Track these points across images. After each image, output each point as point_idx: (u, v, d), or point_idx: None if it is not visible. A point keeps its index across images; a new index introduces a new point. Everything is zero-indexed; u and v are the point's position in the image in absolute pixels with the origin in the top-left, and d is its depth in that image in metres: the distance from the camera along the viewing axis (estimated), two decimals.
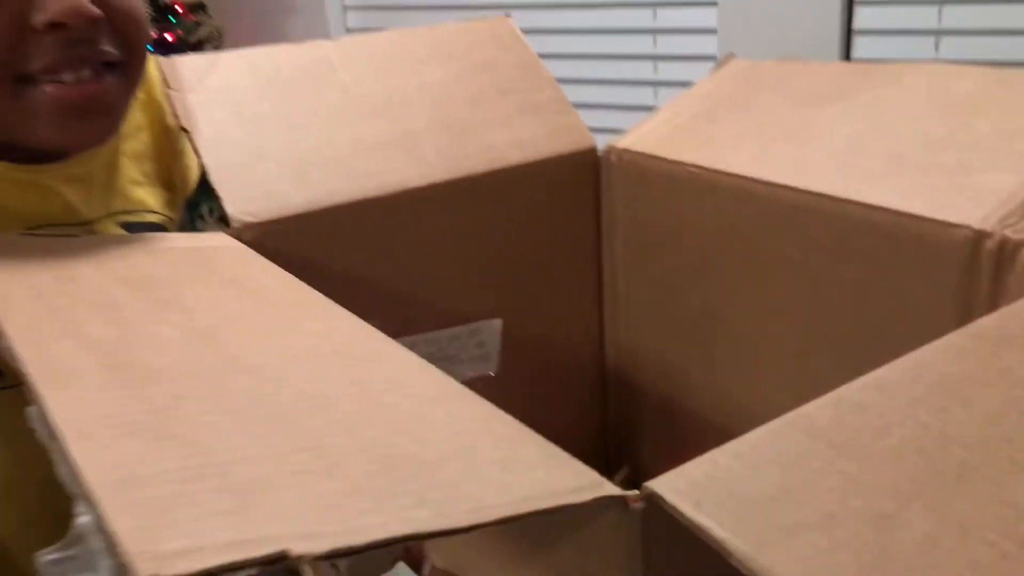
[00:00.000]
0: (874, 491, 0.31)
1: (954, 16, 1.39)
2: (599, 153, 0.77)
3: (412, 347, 0.71)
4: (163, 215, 0.70)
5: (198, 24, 1.82)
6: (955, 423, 0.34)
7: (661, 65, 1.68)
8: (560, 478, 0.31)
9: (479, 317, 0.75)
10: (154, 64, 0.69)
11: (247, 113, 0.67)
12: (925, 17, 1.41)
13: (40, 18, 0.53)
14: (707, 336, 0.72)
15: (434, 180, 0.69)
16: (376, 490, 0.29)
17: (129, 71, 0.60)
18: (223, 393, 0.34)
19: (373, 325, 0.70)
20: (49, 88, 0.55)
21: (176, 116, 0.64)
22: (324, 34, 2.02)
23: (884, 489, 0.31)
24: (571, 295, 0.80)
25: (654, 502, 0.31)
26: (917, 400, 0.35)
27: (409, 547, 0.46)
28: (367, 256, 0.68)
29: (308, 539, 0.25)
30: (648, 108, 1.44)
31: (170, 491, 0.27)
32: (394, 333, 0.71)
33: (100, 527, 0.25)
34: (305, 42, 0.73)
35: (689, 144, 0.71)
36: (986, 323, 0.41)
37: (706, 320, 0.72)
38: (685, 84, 0.80)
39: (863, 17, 1.44)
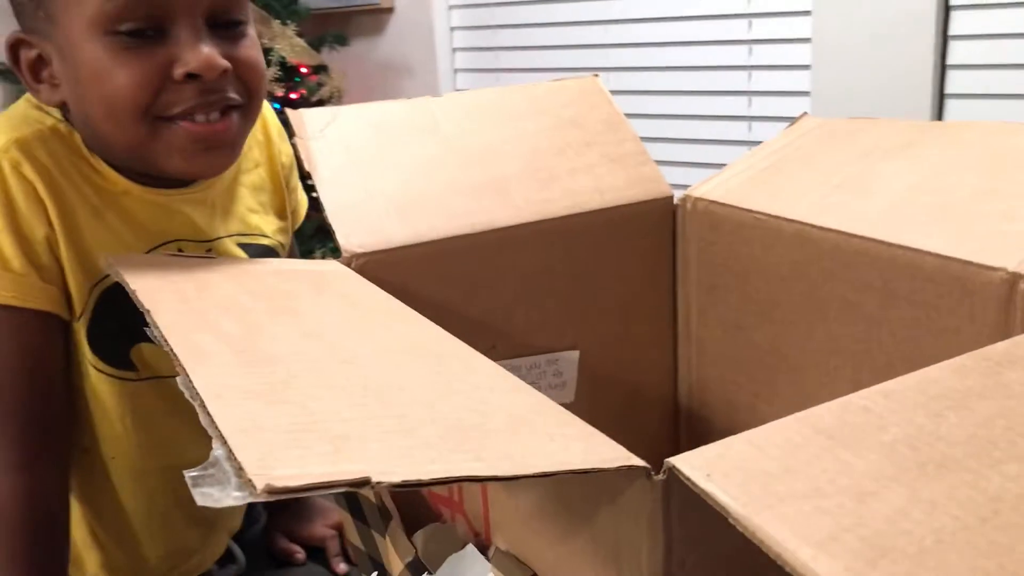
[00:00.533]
0: (861, 474, 0.36)
1: None
2: (675, 201, 0.83)
3: None
4: (275, 240, 0.80)
5: (320, 84, 1.97)
6: (947, 426, 0.39)
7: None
8: (596, 452, 0.37)
9: (559, 350, 0.82)
10: (270, 111, 0.80)
11: (360, 159, 0.76)
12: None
13: (180, 70, 0.64)
14: (771, 373, 0.77)
15: (520, 221, 0.76)
16: (443, 447, 0.36)
17: (249, 112, 0.70)
18: (325, 375, 0.42)
19: (490, 350, 0.77)
20: (184, 125, 0.66)
21: (300, 160, 0.74)
22: (435, 94, 2.15)
23: (870, 473, 0.36)
24: (647, 333, 0.86)
25: (673, 474, 0.37)
26: (918, 406, 0.40)
27: (478, 533, 0.53)
28: (457, 287, 0.76)
29: (386, 474, 0.32)
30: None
31: (282, 438, 0.35)
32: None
33: (229, 456, 0.32)
34: (413, 99, 0.83)
35: (758, 193, 0.77)
36: (996, 348, 0.45)
37: (770, 358, 0.77)
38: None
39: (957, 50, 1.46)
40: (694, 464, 0.37)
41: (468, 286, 0.76)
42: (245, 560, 0.84)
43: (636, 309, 0.85)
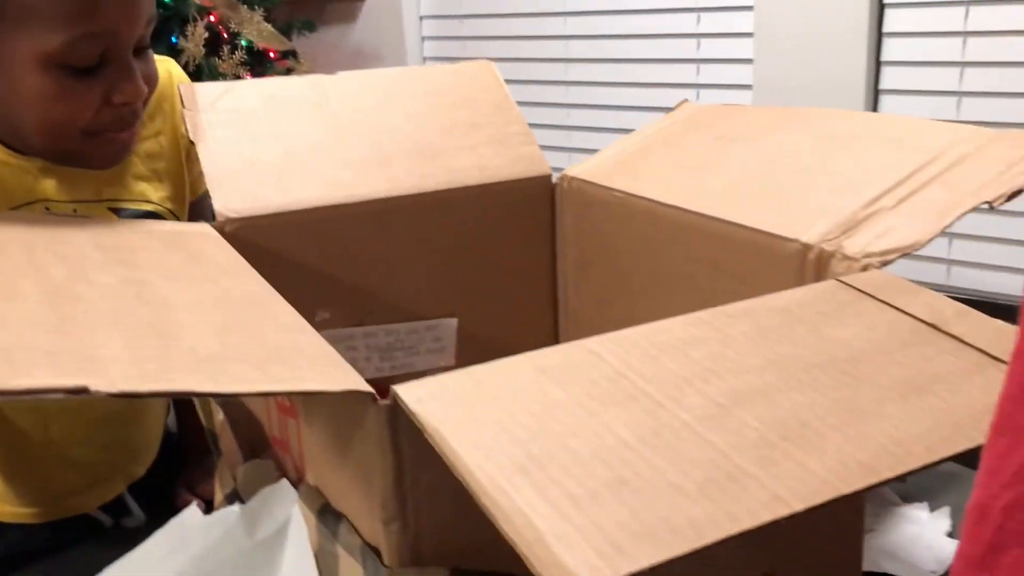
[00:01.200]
0: (555, 401, 0.40)
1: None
2: (554, 180, 0.87)
3: (372, 335, 0.83)
4: (162, 207, 0.85)
5: (289, 70, 2.02)
6: (655, 367, 0.43)
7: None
8: (334, 379, 0.42)
9: (438, 317, 0.87)
10: (183, 80, 0.85)
11: (247, 131, 0.81)
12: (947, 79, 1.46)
13: (118, 99, 0.73)
14: None
15: (399, 192, 0.81)
16: (185, 370, 0.41)
17: (142, 115, 0.78)
18: (118, 314, 0.47)
19: (335, 314, 0.82)
20: (109, 136, 0.75)
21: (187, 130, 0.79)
22: None
23: (565, 403, 0.40)
24: (528, 304, 0.90)
25: (395, 399, 0.41)
26: (639, 349, 0.45)
27: (299, 469, 0.57)
28: (335, 254, 0.80)
29: (109, 386, 0.37)
30: None
31: (39, 356, 0.40)
32: (356, 322, 0.83)
33: None
34: (308, 75, 0.87)
35: (623, 174, 0.81)
36: (739, 304, 0.50)
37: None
38: None
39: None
40: (413, 390, 0.41)
41: (345, 254, 0.81)
42: (142, 513, 0.89)
43: (517, 282, 0.89)
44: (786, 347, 0.45)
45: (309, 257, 0.79)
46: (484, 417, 0.39)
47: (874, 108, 1.51)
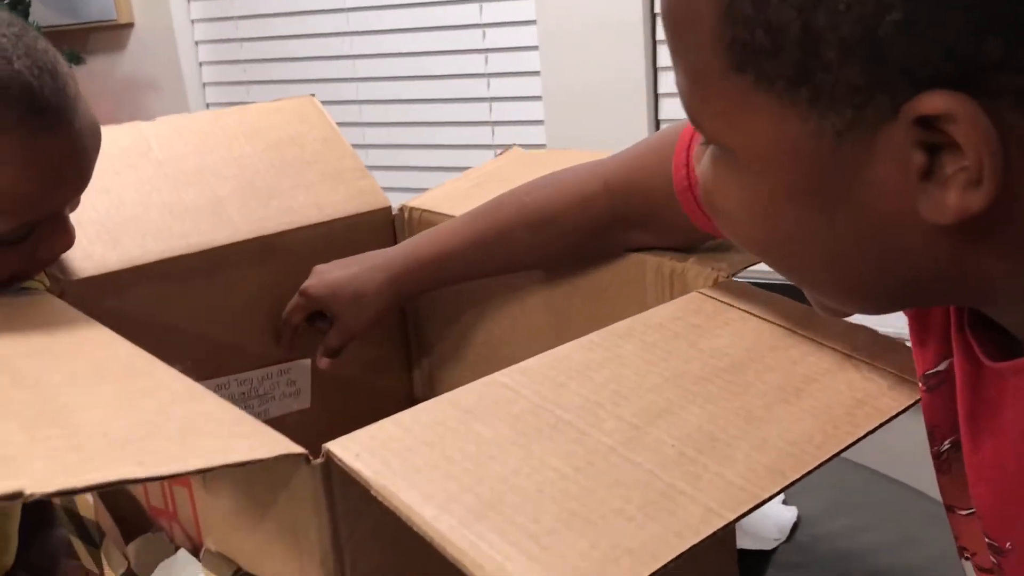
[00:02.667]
0: (488, 441, 0.42)
1: None
2: (393, 212, 0.89)
3: (225, 387, 0.81)
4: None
5: None
6: (567, 394, 0.46)
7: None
8: (262, 445, 0.42)
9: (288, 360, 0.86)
10: None
11: None
12: None
13: (47, 254, 0.64)
14: (487, 366, 0.84)
15: (238, 239, 0.79)
16: (108, 458, 0.39)
17: None
18: (2, 404, 0.44)
19: (184, 368, 0.79)
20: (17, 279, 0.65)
21: None
22: (184, 110, 2.11)
23: (496, 440, 0.42)
24: (380, 339, 0.91)
25: (330, 457, 0.42)
26: (546, 379, 0.48)
27: (192, 537, 0.56)
28: (178, 308, 0.77)
29: (41, 486, 0.35)
30: None
31: None
32: (208, 375, 0.81)
33: None
34: (123, 123, 0.83)
35: (462, 203, 0.84)
36: (622, 324, 0.53)
37: (484, 349, 0.84)
38: None
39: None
40: (347, 446, 0.42)
41: (188, 306, 0.78)
42: None
43: None
44: (674, 362, 0.49)
45: (152, 314, 0.76)
46: (425, 465, 0.40)
47: (655, 110, 1.62)
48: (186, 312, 0.78)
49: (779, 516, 0.90)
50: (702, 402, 0.46)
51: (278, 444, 0.42)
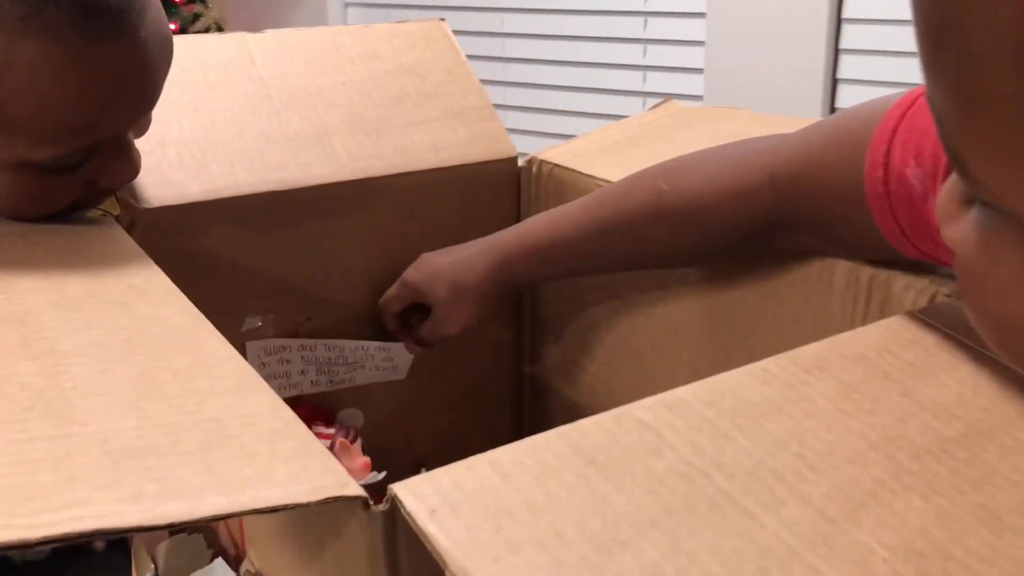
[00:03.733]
0: (618, 515, 0.30)
1: None
2: (520, 163, 0.76)
3: (310, 349, 0.71)
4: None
5: (197, 16, 1.82)
6: (732, 451, 0.33)
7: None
8: (305, 479, 0.30)
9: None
10: None
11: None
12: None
13: (107, 182, 0.55)
14: (611, 353, 0.71)
15: (342, 178, 0.68)
16: (98, 481, 0.28)
17: None
18: None
19: (267, 320, 0.69)
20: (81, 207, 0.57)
21: None
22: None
23: (629, 514, 0.30)
24: None
25: (395, 506, 0.30)
26: (704, 423, 0.35)
27: (237, 543, 0.46)
28: (267, 251, 0.67)
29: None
30: None
31: None
32: (291, 330, 0.71)
33: None
34: (228, 34, 0.73)
35: (606, 161, 0.71)
36: (808, 350, 0.40)
37: (609, 336, 0.71)
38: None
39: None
40: (421, 495, 0.30)
41: (279, 251, 0.68)
42: None
43: None
44: (883, 419, 0.36)
45: (236, 254, 0.66)
46: (527, 542, 0.28)
47: (832, 98, 1.43)
48: (272, 257, 0.68)
49: None
50: (925, 490, 0.32)
51: (329, 480, 0.30)
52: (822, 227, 0.51)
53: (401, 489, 0.30)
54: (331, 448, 0.68)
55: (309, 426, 0.71)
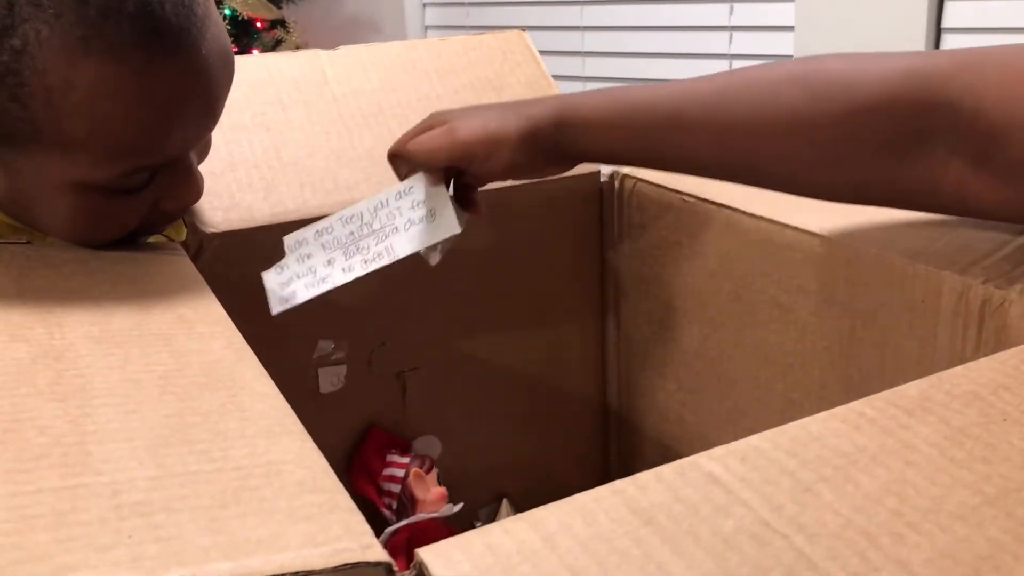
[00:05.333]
0: None
1: None
2: (602, 178, 0.72)
3: (327, 232, 0.62)
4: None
5: (279, 41, 1.85)
6: (815, 508, 0.28)
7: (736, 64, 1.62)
8: (324, 544, 0.27)
9: (465, 348, 0.72)
10: None
11: (227, 121, 0.66)
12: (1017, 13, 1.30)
13: (171, 206, 0.54)
14: (699, 380, 0.67)
15: None
16: (93, 540, 0.26)
17: None
18: (11, 428, 0.32)
19: (340, 345, 0.67)
20: (144, 233, 0.56)
21: None
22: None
23: None
24: (569, 327, 0.76)
25: (422, 573, 0.27)
26: (784, 475, 0.30)
27: None
28: None
29: None
30: None
31: None
32: (365, 357, 0.69)
33: None
34: (300, 51, 0.72)
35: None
36: (911, 387, 0.35)
37: (698, 363, 0.66)
38: None
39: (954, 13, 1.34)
40: (451, 560, 0.26)
41: None
42: None
43: (559, 298, 0.74)
44: (999, 468, 0.30)
45: None
46: None
47: (936, 47, 1.34)
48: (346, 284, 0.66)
49: None
50: None
51: (350, 543, 0.27)
52: (989, 156, 0.43)
53: (428, 554, 0.27)
54: (404, 478, 0.65)
55: (383, 455, 0.68)
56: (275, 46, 1.86)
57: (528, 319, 0.73)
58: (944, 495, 0.29)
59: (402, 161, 0.59)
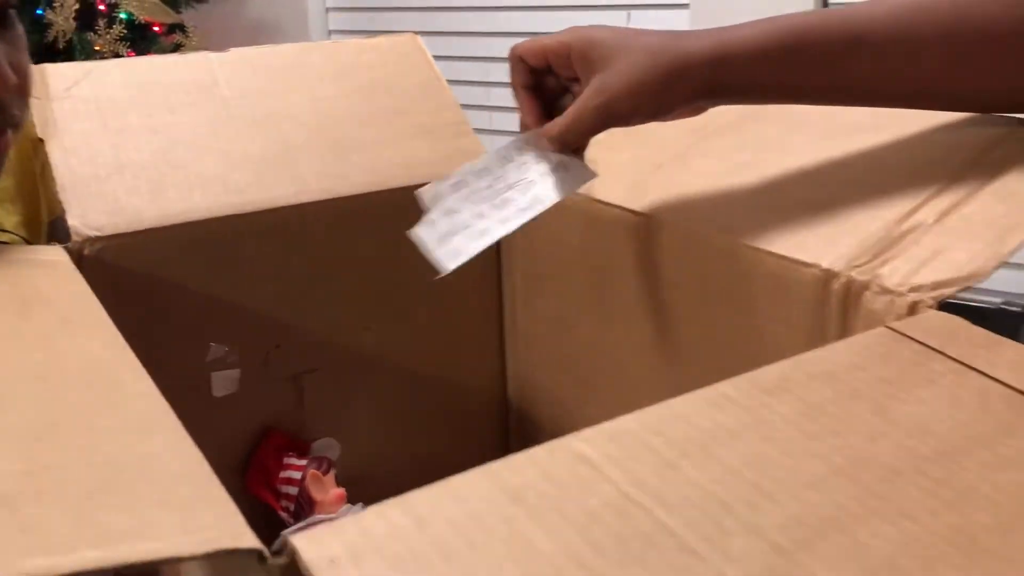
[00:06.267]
0: (542, 558, 0.27)
1: None
2: None
3: (463, 184, 0.58)
4: (14, 235, 0.68)
5: (178, 45, 1.81)
6: (676, 482, 0.30)
7: None
8: (196, 530, 0.27)
9: (363, 349, 0.72)
10: None
11: (114, 124, 0.65)
12: None
13: None
14: (594, 372, 0.68)
15: (307, 199, 0.66)
16: None
17: (22, 123, 0.56)
18: None
19: (234, 348, 0.67)
20: None
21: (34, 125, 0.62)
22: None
23: (554, 556, 0.27)
24: (468, 327, 0.76)
25: (294, 558, 0.27)
26: (649, 453, 0.31)
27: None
28: (230, 277, 0.65)
29: None
30: None
31: None
32: (259, 360, 0.68)
33: None
34: (189, 53, 0.71)
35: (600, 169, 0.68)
36: (771, 370, 0.36)
37: (593, 354, 0.68)
38: None
39: None
40: (323, 544, 0.27)
41: (243, 277, 0.66)
42: None
43: (457, 300, 0.75)
44: (851, 441, 0.32)
45: (196, 282, 0.64)
46: None
47: None
48: (239, 283, 0.65)
49: None
50: (894, 514, 0.29)
51: (223, 531, 0.28)
52: None
53: (300, 539, 0.27)
54: (301, 480, 0.65)
55: (279, 458, 0.68)
56: (174, 51, 1.82)
57: (426, 319, 0.74)
58: (797, 466, 0.31)
59: (555, 143, 0.55)
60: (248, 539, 0.27)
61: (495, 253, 0.75)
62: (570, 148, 0.56)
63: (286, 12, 2.01)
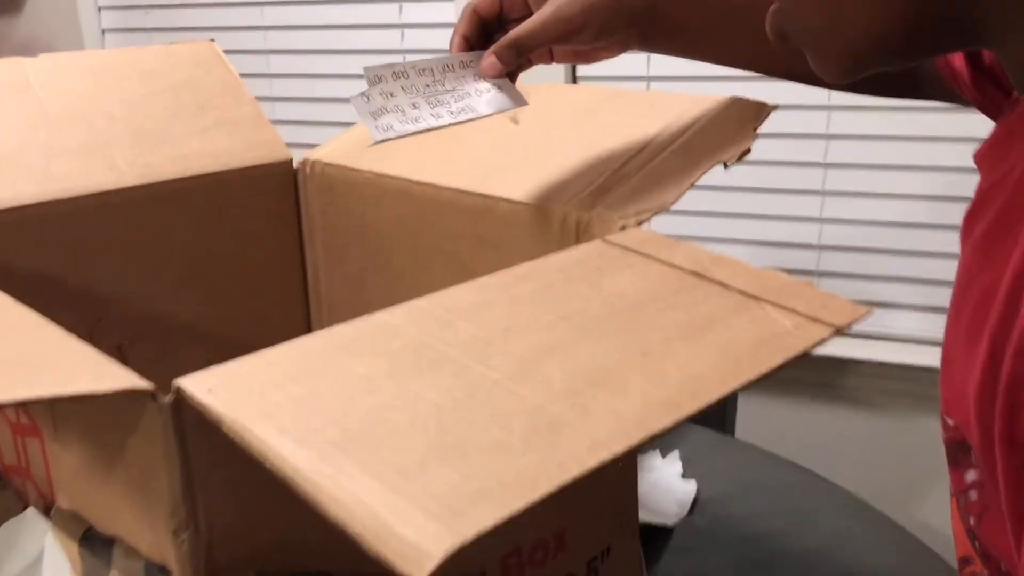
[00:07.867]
0: (360, 377, 0.38)
1: None
2: (295, 165, 0.84)
3: (404, 75, 0.63)
4: None
5: None
6: (453, 332, 0.43)
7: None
8: (102, 379, 0.37)
9: (180, 320, 0.80)
10: None
11: None
12: None
13: None
14: None
15: (123, 184, 0.74)
16: None
17: None
18: None
19: (60, 323, 0.73)
20: None
21: None
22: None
23: (369, 375, 0.39)
24: (276, 296, 0.86)
25: (181, 394, 0.37)
26: (434, 318, 0.44)
27: (45, 495, 0.50)
28: (54, 258, 0.72)
29: None
30: None
31: None
32: (85, 332, 0.75)
33: None
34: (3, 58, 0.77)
35: (368, 154, 0.79)
36: (521, 267, 0.50)
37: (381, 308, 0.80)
38: None
39: None
40: (200, 381, 0.37)
41: (67, 257, 0.72)
42: None
43: (264, 273, 0.85)
44: (572, 302, 0.46)
45: (23, 263, 0.70)
46: (286, 400, 0.36)
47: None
48: (62, 263, 0.72)
49: (679, 490, 0.88)
50: (597, 338, 0.43)
51: (123, 378, 0.37)
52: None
53: (184, 380, 0.37)
54: None
55: None
56: None
57: (236, 290, 0.83)
58: (536, 318, 0.44)
59: (509, 49, 0.62)
60: (143, 383, 0.37)
61: (296, 227, 0.85)
62: (520, 56, 0.62)
63: (59, 32, 2.00)
